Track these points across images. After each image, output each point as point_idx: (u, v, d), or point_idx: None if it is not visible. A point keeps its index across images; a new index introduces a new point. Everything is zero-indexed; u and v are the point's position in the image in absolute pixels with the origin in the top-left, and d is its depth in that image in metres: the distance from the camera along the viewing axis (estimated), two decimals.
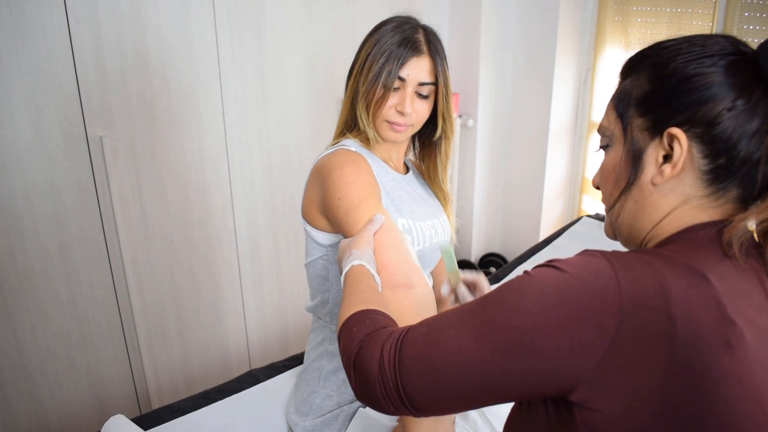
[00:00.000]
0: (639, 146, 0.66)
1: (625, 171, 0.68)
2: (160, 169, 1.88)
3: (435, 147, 1.20)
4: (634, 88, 0.67)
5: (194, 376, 2.15)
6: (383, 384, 0.66)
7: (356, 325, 0.74)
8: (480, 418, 1.21)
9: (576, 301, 0.57)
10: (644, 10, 2.50)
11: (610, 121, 0.70)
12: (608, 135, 0.71)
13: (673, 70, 0.64)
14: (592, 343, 0.56)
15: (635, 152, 0.67)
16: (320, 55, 2.15)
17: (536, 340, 0.58)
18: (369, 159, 1.10)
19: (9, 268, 1.66)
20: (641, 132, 0.66)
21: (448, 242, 1.00)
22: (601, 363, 0.56)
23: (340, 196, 1.00)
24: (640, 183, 0.67)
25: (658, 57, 0.66)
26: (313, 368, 1.23)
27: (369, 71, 1.06)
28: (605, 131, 0.71)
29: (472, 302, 0.66)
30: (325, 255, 1.13)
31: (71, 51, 1.63)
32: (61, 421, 1.86)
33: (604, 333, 0.56)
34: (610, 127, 0.70)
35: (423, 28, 1.10)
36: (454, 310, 0.67)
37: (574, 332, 0.57)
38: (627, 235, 0.72)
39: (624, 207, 0.69)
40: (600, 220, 2.40)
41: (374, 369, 0.67)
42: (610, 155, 0.71)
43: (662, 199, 0.66)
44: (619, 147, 0.69)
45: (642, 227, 0.69)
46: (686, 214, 0.66)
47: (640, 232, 0.70)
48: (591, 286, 0.58)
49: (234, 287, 2.18)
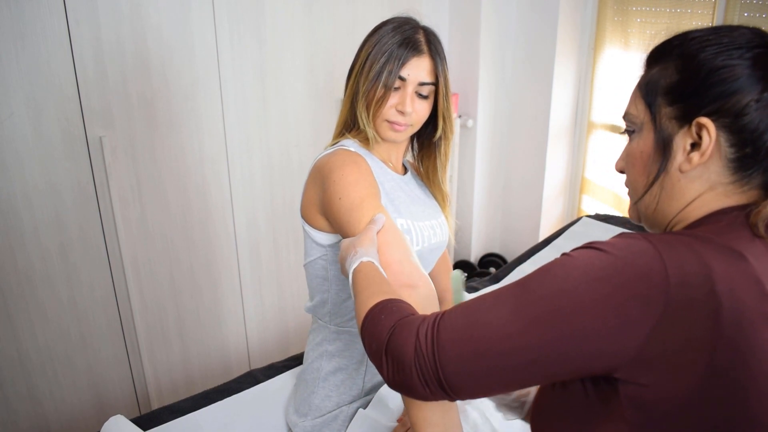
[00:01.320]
0: (668, 134, 0.68)
1: (653, 158, 0.70)
2: (159, 169, 1.88)
3: (434, 147, 1.20)
4: (662, 77, 0.69)
5: (194, 377, 2.15)
6: (420, 368, 0.66)
7: (383, 313, 0.75)
8: (480, 418, 1.21)
9: (623, 281, 0.59)
10: (644, 10, 2.50)
11: (637, 109, 0.72)
12: (635, 122, 0.72)
13: (701, 62, 0.65)
14: (639, 321, 0.58)
15: (664, 140, 0.68)
16: (320, 55, 2.15)
17: (585, 320, 0.59)
18: (368, 159, 1.10)
19: (9, 268, 1.66)
20: (669, 120, 0.68)
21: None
22: (649, 341, 0.58)
23: (342, 196, 1.00)
24: (668, 169, 0.69)
25: (686, 48, 0.67)
26: (312, 369, 1.23)
27: (370, 71, 1.06)
28: (632, 118, 0.72)
29: (508, 286, 0.67)
30: (325, 255, 1.13)
31: (71, 51, 1.63)
32: (60, 421, 1.86)
33: (652, 311, 0.58)
34: (637, 114, 0.71)
35: (423, 29, 1.10)
36: (489, 295, 0.68)
37: (622, 312, 0.58)
38: (652, 219, 0.74)
39: (651, 192, 0.71)
40: (600, 221, 2.40)
41: (409, 353, 0.67)
42: (636, 141, 0.72)
43: (689, 185, 0.68)
44: (648, 134, 0.70)
45: (668, 211, 0.70)
46: (712, 200, 0.67)
47: (665, 216, 0.71)
48: (637, 265, 0.59)
49: (234, 287, 2.18)
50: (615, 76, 2.69)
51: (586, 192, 3.02)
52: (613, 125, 2.77)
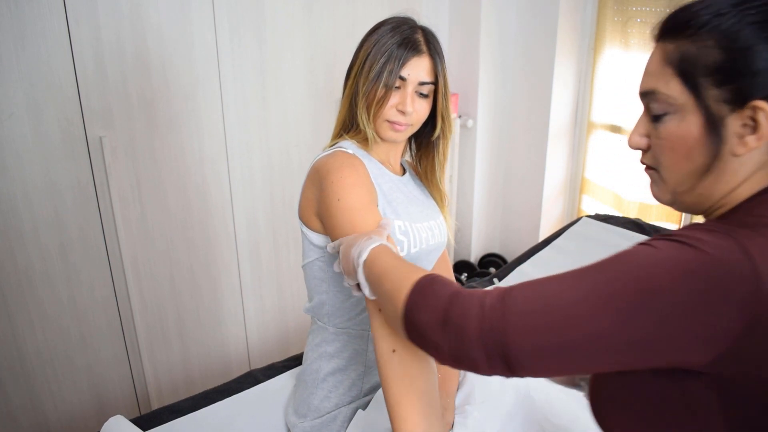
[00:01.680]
0: (718, 118, 0.64)
1: (700, 141, 0.66)
2: (159, 169, 1.88)
3: (433, 147, 1.20)
4: (701, 55, 0.64)
5: (194, 377, 2.15)
6: (484, 340, 0.64)
7: (435, 284, 0.73)
8: (482, 417, 1.21)
9: (716, 279, 0.58)
10: (644, 11, 2.50)
11: (673, 89, 0.67)
12: (671, 103, 0.67)
13: (748, 41, 0.62)
14: (731, 319, 0.57)
15: (715, 124, 0.65)
16: (320, 56, 2.15)
17: (672, 312, 0.58)
18: (366, 161, 1.10)
19: (9, 268, 1.66)
20: (718, 103, 0.64)
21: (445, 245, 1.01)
22: (740, 338, 0.57)
23: (340, 197, 1.00)
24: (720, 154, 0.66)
25: (722, 22, 0.63)
26: (311, 369, 1.23)
27: (369, 71, 1.06)
28: (666, 98, 0.68)
29: (583, 267, 0.65)
30: (322, 257, 1.13)
31: (71, 51, 1.63)
32: (60, 421, 1.86)
33: (744, 310, 0.57)
34: (673, 94, 0.67)
35: (421, 29, 1.11)
36: (562, 274, 0.66)
37: (713, 309, 0.57)
38: (693, 202, 0.72)
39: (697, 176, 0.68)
40: (600, 221, 2.40)
41: (473, 325, 0.65)
42: (676, 124, 0.68)
43: (740, 168, 0.66)
44: (691, 117, 0.66)
45: (714, 195, 0.69)
46: (761, 179, 0.67)
47: (709, 199, 0.69)
48: (727, 263, 0.58)
49: (234, 287, 2.18)
50: (615, 76, 2.69)
51: (586, 192, 3.02)
52: (613, 125, 2.77)
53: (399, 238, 1.08)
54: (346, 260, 0.89)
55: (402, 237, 1.09)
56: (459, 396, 1.24)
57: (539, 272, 2.02)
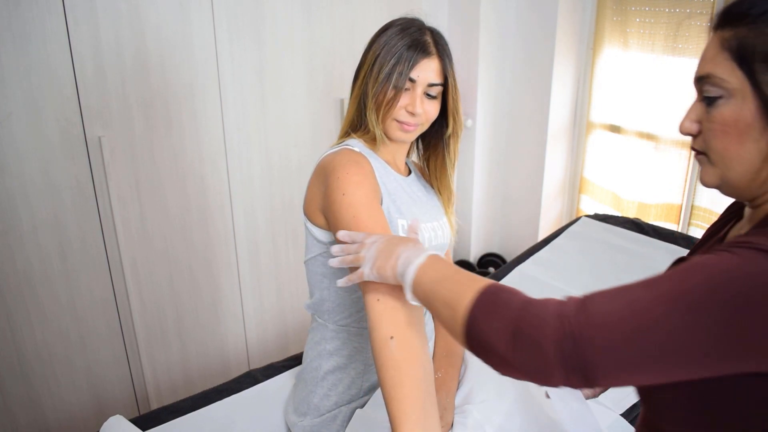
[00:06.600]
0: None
1: (754, 126, 0.67)
2: (158, 169, 1.88)
3: (443, 146, 1.22)
4: (758, 42, 0.66)
5: (193, 377, 2.15)
6: (562, 351, 0.63)
7: (502, 293, 0.72)
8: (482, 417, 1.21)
9: None
10: (643, 11, 2.50)
11: (729, 74, 0.68)
12: (725, 86, 0.69)
13: None
14: None
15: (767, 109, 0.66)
16: (319, 56, 2.15)
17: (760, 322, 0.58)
18: (372, 160, 1.11)
19: (8, 268, 1.66)
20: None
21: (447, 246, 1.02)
22: None
23: (345, 192, 1.01)
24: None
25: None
26: (311, 368, 1.23)
27: (379, 73, 1.08)
28: (720, 82, 0.69)
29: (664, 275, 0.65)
30: (325, 252, 1.14)
31: (70, 52, 1.63)
32: (59, 421, 1.85)
33: None
34: (729, 79, 0.68)
35: (429, 30, 1.12)
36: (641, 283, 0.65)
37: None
38: (744, 188, 0.72)
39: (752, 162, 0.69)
40: (599, 220, 2.40)
41: (550, 336, 0.64)
42: (730, 108, 0.69)
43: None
44: (746, 102, 0.67)
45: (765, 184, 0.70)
46: None
47: (762, 186, 0.70)
48: None
49: (233, 288, 2.17)
50: (614, 75, 2.69)
51: (585, 192, 3.02)
52: (612, 125, 2.77)
53: None
54: (386, 260, 0.88)
55: None
56: (459, 396, 1.24)
57: (539, 272, 2.03)
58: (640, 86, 2.58)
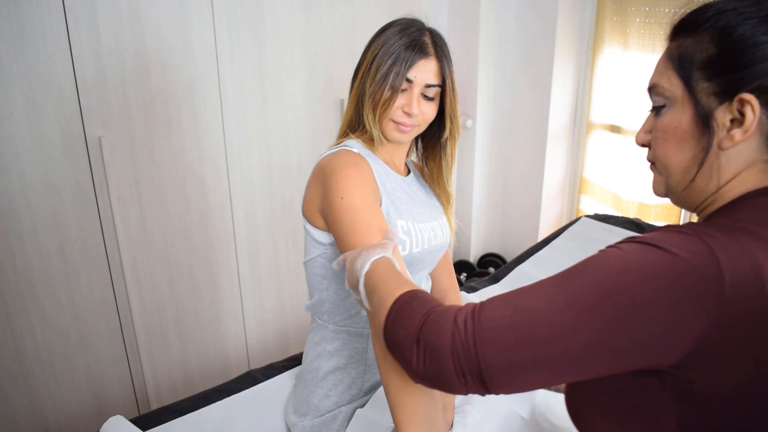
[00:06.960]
0: (707, 110, 0.66)
1: (690, 134, 0.68)
2: (158, 169, 1.88)
3: (441, 148, 1.21)
4: (697, 50, 0.66)
5: (193, 377, 2.15)
6: (457, 358, 0.64)
7: (414, 301, 0.72)
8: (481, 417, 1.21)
9: (681, 281, 0.58)
10: (643, 11, 2.50)
11: (670, 82, 0.69)
12: (667, 95, 0.70)
13: (742, 35, 0.63)
14: (694, 322, 0.58)
15: (703, 116, 0.66)
16: (319, 56, 2.15)
17: (641, 317, 0.58)
18: (371, 160, 1.11)
19: (8, 268, 1.66)
20: (707, 96, 0.66)
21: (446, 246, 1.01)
22: (702, 341, 0.58)
23: (344, 195, 1.00)
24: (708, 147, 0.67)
25: (723, 19, 0.65)
26: (311, 368, 1.23)
27: (376, 73, 1.07)
28: (663, 91, 0.70)
29: (553, 276, 0.65)
30: (324, 253, 1.13)
31: (70, 52, 1.63)
32: (59, 421, 1.85)
33: (707, 312, 0.57)
34: (670, 88, 0.69)
35: (429, 31, 1.11)
36: (532, 285, 0.66)
37: (678, 312, 0.58)
38: (684, 196, 0.72)
39: (688, 170, 0.69)
40: (599, 221, 2.40)
41: (446, 342, 0.65)
42: (669, 116, 0.70)
43: (728, 162, 0.67)
44: (684, 109, 0.68)
45: (705, 190, 0.69)
46: (751, 178, 0.67)
47: (700, 194, 0.70)
48: (693, 266, 0.59)
49: (233, 288, 2.17)
50: (614, 76, 2.69)
51: (585, 192, 3.02)
52: (612, 125, 2.77)
53: (402, 237, 1.09)
54: (351, 274, 0.88)
55: (405, 237, 1.09)
56: (459, 395, 1.24)
57: (539, 272, 2.03)
58: (640, 86, 2.58)
